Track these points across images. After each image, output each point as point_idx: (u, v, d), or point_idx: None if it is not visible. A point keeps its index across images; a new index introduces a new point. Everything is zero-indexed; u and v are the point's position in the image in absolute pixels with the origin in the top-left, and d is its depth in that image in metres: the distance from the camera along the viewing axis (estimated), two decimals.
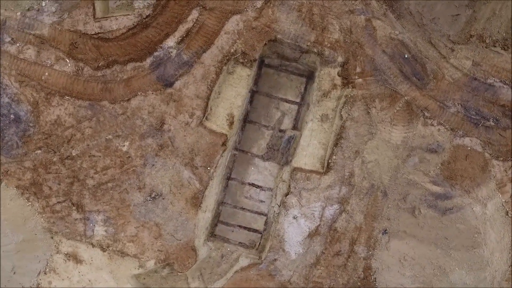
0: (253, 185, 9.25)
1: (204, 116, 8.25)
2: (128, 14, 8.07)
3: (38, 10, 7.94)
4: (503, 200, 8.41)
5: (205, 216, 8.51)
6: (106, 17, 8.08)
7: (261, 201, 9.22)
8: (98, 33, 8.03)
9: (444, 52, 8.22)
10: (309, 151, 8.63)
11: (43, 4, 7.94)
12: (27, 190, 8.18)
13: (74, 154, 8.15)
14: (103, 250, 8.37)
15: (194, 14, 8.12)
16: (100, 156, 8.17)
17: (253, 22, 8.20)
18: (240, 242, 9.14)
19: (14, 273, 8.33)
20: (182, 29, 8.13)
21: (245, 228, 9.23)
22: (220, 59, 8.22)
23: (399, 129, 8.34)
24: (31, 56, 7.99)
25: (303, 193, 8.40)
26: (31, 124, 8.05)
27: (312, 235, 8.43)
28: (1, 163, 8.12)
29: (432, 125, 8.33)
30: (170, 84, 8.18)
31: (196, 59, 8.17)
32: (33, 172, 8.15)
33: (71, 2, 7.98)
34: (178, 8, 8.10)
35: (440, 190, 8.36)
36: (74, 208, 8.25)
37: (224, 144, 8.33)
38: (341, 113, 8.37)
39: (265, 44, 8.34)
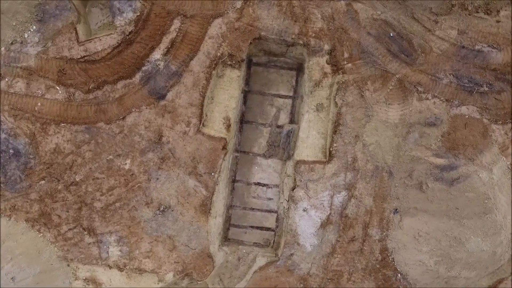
0: (259, 184, 9.27)
1: (200, 123, 8.27)
2: (111, 33, 8.08)
3: (21, 43, 7.95)
4: (508, 162, 8.43)
5: (216, 222, 8.53)
6: (90, 40, 8.09)
7: (269, 199, 9.24)
8: (84, 56, 8.03)
9: (428, 25, 8.23)
10: (309, 142, 8.65)
11: (26, 35, 7.95)
12: (37, 221, 8.19)
13: (78, 180, 8.16)
14: (121, 270, 8.39)
15: (176, 23, 8.13)
16: (104, 178, 8.19)
17: (235, 23, 8.21)
18: (254, 242, 9.16)
19: None
20: (166, 40, 8.14)
21: (257, 227, 9.25)
22: (208, 64, 8.23)
23: (395, 108, 8.35)
24: (21, 88, 8.00)
25: (309, 185, 8.42)
26: (31, 156, 8.07)
27: (324, 225, 8.45)
28: (7, 199, 8.13)
29: (427, 99, 8.35)
30: (163, 96, 8.19)
31: (184, 68, 8.18)
32: (40, 203, 8.17)
33: (53, 29, 7.99)
34: (159, 20, 8.11)
35: (444, 162, 8.38)
36: (85, 232, 8.26)
37: (224, 147, 8.35)
38: (336, 100, 8.38)
39: (250, 43, 8.35)
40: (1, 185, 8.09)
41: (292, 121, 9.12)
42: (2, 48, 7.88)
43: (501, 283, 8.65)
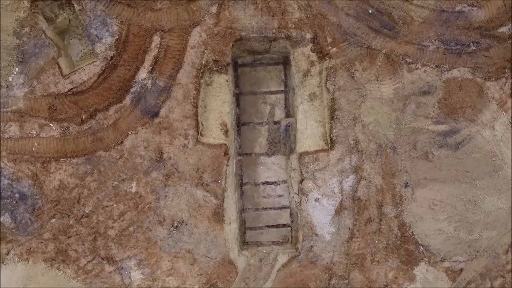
0: (266, 183, 9.25)
1: (198, 133, 8.26)
2: (94, 61, 8.08)
3: (7, 87, 7.95)
4: (508, 117, 8.41)
5: (231, 228, 8.52)
6: (74, 71, 8.09)
7: (280, 196, 9.22)
8: (71, 88, 8.04)
9: None
10: (308, 133, 8.63)
11: (10, 79, 7.95)
12: (55, 260, 8.20)
13: (87, 211, 8.17)
14: None
15: (156, 40, 8.12)
16: (113, 205, 8.19)
17: (214, 28, 8.20)
18: (273, 241, 9.15)
19: None
20: (149, 58, 8.14)
21: (273, 226, 9.24)
22: (195, 74, 8.22)
23: (387, 83, 8.33)
24: (15, 132, 8.01)
25: (316, 175, 8.41)
26: (37, 197, 8.07)
27: (338, 211, 8.44)
28: (21, 244, 8.14)
29: (417, 68, 8.32)
30: (156, 114, 8.18)
31: (172, 82, 8.17)
32: (55, 241, 8.17)
33: (36, 68, 7.99)
34: (139, 40, 8.11)
35: (445, 128, 8.36)
36: (105, 262, 8.26)
37: (226, 153, 8.34)
38: (327, 86, 8.37)
39: (233, 45, 8.34)
40: (13, 230, 8.10)
41: (288, 115, 9.11)
42: None
43: None
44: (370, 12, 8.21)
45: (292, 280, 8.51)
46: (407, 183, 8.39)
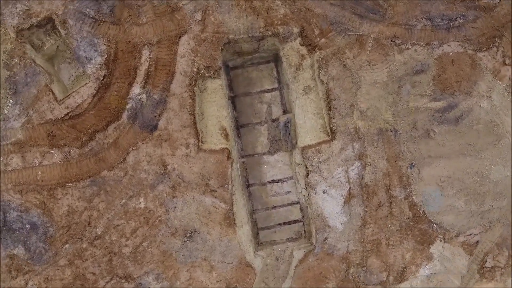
0: (273, 181, 9.26)
1: (198, 141, 8.27)
2: (87, 83, 8.09)
3: (4, 120, 7.96)
4: (504, 85, 8.42)
5: (244, 230, 8.53)
6: (68, 95, 8.10)
7: (288, 192, 9.23)
8: (68, 113, 8.04)
9: None
10: (308, 126, 8.64)
11: (6, 111, 7.96)
12: (74, 285, 8.20)
13: (99, 233, 8.17)
14: None
15: (145, 53, 8.13)
16: (124, 223, 8.19)
17: (201, 35, 8.21)
18: (287, 238, 9.15)
19: None
20: (141, 73, 8.15)
21: (285, 223, 9.24)
22: (188, 82, 8.23)
23: (380, 67, 8.35)
24: (17, 163, 8.01)
25: (321, 167, 8.42)
26: (48, 225, 8.07)
27: (348, 200, 8.45)
28: (38, 273, 8.15)
29: (407, 48, 8.34)
30: (155, 127, 8.19)
31: (166, 93, 8.18)
32: (71, 267, 8.17)
33: (30, 97, 7.99)
34: (128, 56, 8.11)
35: (443, 104, 8.38)
36: (123, 281, 8.27)
37: (229, 157, 8.35)
38: (320, 78, 8.38)
39: (222, 49, 8.35)
40: (29, 261, 8.11)
41: (285, 111, 9.11)
42: None
43: None
44: None
45: (311, 274, 8.52)
46: (412, 164, 8.40)
